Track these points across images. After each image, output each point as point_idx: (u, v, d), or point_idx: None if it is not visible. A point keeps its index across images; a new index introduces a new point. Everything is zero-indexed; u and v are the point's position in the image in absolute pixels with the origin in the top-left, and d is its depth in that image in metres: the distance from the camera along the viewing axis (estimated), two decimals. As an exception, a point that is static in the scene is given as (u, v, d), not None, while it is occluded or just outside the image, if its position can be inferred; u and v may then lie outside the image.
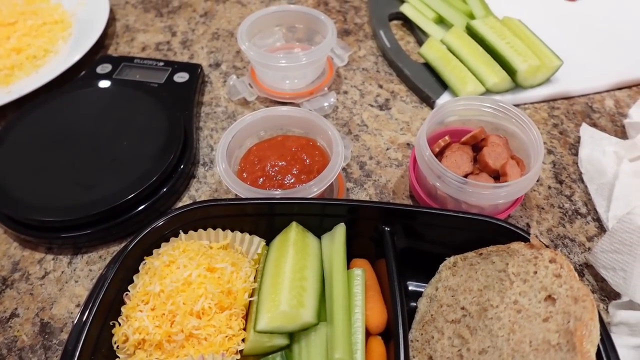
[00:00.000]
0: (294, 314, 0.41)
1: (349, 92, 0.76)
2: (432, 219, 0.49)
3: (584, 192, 0.62)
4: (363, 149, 0.68)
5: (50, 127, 0.64)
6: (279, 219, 0.51)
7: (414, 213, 0.49)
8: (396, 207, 0.49)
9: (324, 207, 0.50)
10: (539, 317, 0.39)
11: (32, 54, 0.80)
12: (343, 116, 0.72)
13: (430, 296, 0.49)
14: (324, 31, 0.74)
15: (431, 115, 0.58)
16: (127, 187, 0.57)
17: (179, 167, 0.62)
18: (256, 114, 0.60)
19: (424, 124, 0.57)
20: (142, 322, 0.43)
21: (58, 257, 0.57)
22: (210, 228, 0.50)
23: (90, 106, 0.67)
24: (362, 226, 0.50)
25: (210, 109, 0.74)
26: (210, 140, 0.70)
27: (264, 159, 0.58)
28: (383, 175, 0.65)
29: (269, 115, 0.60)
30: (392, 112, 0.73)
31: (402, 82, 0.77)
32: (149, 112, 0.66)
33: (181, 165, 0.62)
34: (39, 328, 0.52)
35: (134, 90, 0.69)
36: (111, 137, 0.63)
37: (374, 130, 0.70)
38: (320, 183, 0.53)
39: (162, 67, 0.76)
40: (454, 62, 0.72)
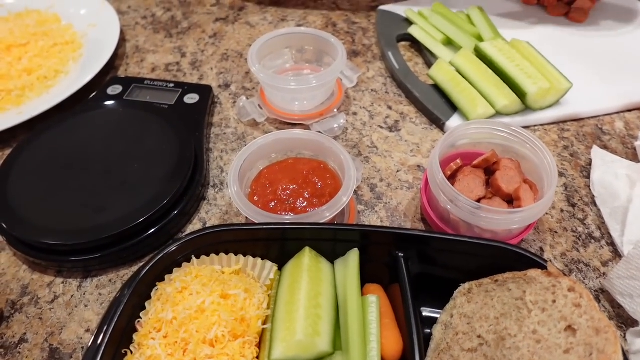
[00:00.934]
0: (310, 343, 0.41)
1: (359, 114, 0.76)
2: (446, 244, 0.48)
3: (597, 216, 0.62)
4: (373, 171, 0.68)
5: (61, 149, 0.64)
6: (291, 243, 0.50)
7: (428, 239, 0.49)
8: (410, 233, 0.49)
9: (337, 232, 0.49)
10: (560, 349, 0.38)
11: (43, 75, 0.81)
12: (353, 137, 0.72)
13: (445, 323, 0.48)
14: (334, 53, 0.74)
15: (443, 138, 0.57)
16: (137, 210, 0.57)
17: (190, 189, 0.62)
18: (268, 137, 0.60)
19: (436, 148, 0.57)
20: (155, 350, 0.42)
21: (68, 281, 0.57)
22: (222, 253, 0.50)
23: (101, 128, 0.67)
24: (375, 251, 0.50)
25: (220, 130, 0.74)
26: (220, 161, 0.70)
27: (276, 182, 0.58)
28: (394, 198, 0.64)
29: (280, 138, 0.60)
30: (402, 133, 0.73)
31: (412, 103, 0.78)
32: (160, 133, 0.66)
33: (192, 188, 0.62)
34: (47, 354, 0.51)
35: (144, 112, 0.69)
36: (122, 159, 0.63)
37: (384, 152, 0.70)
38: (332, 208, 0.53)
39: (172, 88, 0.76)
40: (464, 85, 0.72)
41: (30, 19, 0.92)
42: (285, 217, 0.53)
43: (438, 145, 0.57)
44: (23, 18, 0.93)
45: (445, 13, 0.87)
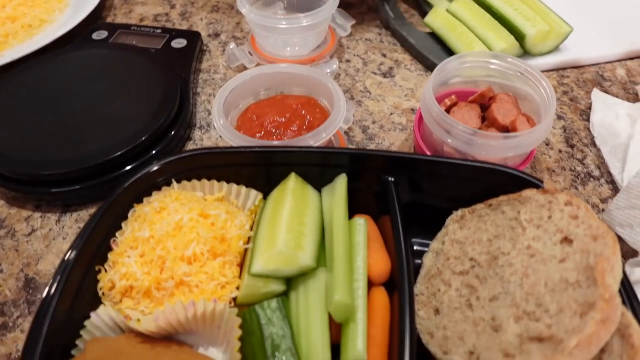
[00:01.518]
0: (292, 256, 0.39)
1: (352, 61, 0.74)
2: (438, 168, 0.46)
3: (597, 156, 0.60)
4: (366, 113, 0.66)
5: (43, 87, 0.62)
6: (277, 170, 0.48)
7: (420, 162, 0.47)
8: (401, 156, 0.46)
9: (325, 156, 0.47)
10: (555, 259, 0.36)
11: (27, 23, 0.78)
12: (345, 83, 0.70)
13: (436, 251, 0.46)
14: None
15: (436, 70, 0.55)
16: (119, 144, 0.55)
17: (174, 127, 0.60)
18: (254, 70, 0.58)
19: (430, 80, 0.54)
20: (130, 267, 0.40)
21: (46, 215, 0.55)
22: (204, 179, 0.48)
23: (85, 68, 0.65)
24: (365, 178, 0.48)
25: (208, 75, 0.72)
26: (207, 105, 0.67)
27: (263, 116, 0.56)
28: (386, 139, 0.62)
29: (268, 72, 0.58)
30: (396, 79, 0.71)
31: (407, 51, 0.75)
32: (145, 74, 0.64)
33: (176, 126, 0.60)
34: (23, 283, 0.49)
35: (129, 54, 0.67)
36: (105, 97, 0.61)
37: (377, 96, 0.68)
38: (318, 135, 0.50)
39: (159, 33, 0.74)
40: (460, 29, 0.70)
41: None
42: (272, 142, 0.51)
43: (432, 77, 0.55)
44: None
45: (442, -36, 0.84)
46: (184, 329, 0.40)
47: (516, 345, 0.34)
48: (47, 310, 0.37)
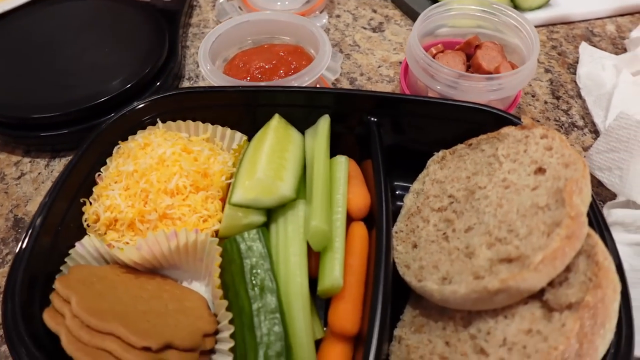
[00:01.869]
0: (271, 186, 0.40)
1: (342, 16, 0.74)
2: (422, 107, 0.47)
3: (582, 107, 0.60)
4: (354, 66, 0.66)
5: (33, 37, 0.62)
6: (262, 111, 0.48)
7: (403, 101, 0.47)
8: (385, 95, 0.47)
9: (309, 96, 0.48)
10: (528, 188, 0.37)
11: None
12: (335, 37, 0.70)
13: (417, 191, 0.47)
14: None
15: (421, 17, 0.55)
16: (106, 89, 0.55)
17: (162, 76, 0.60)
18: (241, 17, 0.58)
19: (415, 27, 0.54)
20: (114, 200, 0.41)
21: (35, 160, 0.55)
22: (190, 120, 0.48)
23: (74, 19, 0.65)
24: (348, 120, 0.48)
25: (198, 30, 0.72)
26: (196, 58, 0.67)
27: (249, 62, 0.56)
28: (373, 89, 0.63)
29: (255, 19, 0.58)
30: (386, 34, 0.71)
31: (397, 7, 0.75)
32: (134, 25, 0.64)
33: (164, 74, 0.60)
34: (12, 223, 0.50)
35: (118, 5, 0.67)
36: (94, 46, 0.61)
37: (366, 50, 0.68)
38: (302, 78, 0.51)
39: (149, -13, 0.73)
40: (451, -18, 0.69)
41: None
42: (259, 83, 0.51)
43: (416, 24, 0.55)
44: None
45: None
46: (167, 262, 0.41)
47: (487, 267, 0.35)
48: (31, 239, 0.38)
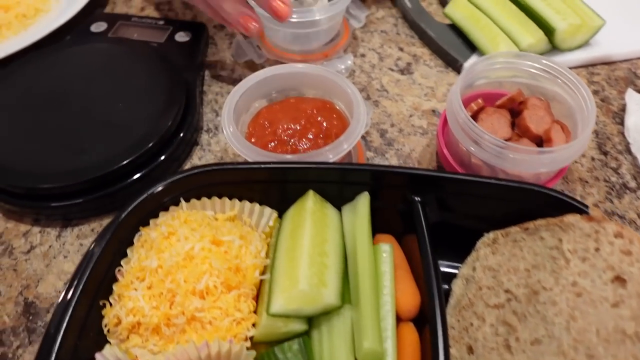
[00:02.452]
0: (315, 295, 0.35)
1: (367, 55, 0.69)
2: (470, 187, 0.43)
3: (632, 165, 0.56)
4: (384, 115, 0.61)
5: (39, 87, 0.58)
6: (292, 187, 0.45)
7: (449, 180, 0.43)
8: (429, 174, 0.43)
9: (345, 173, 0.44)
10: (607, 302, 0.33)
11: (21, 13, 0.74)
12: (361, 80, 0.66)
13: (466, 277, 0.43)
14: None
15: (464, 73, 0.51)
16: (122, 153, 0.51)
17: (180, 132, 0.56)
18: (266, 71, 0.54)
19: (457, 83, 0.50)
20: (137, 302, 0.37)
21: (45, 230, 0.51)
22: (215, 197, 0.44)
23: (83, 66, 0.60)
24: (388, 196, 0.44)
25: (215, 72, 0.67)
26: (214, 105, 0.63)
27: (276, 122, 0.52)
28: (406, 144, 0.58)
29: (280, 73, 0.54)
30: (415, 76, 0.66)
31: (425, 45, 0.70)
32: (147, 72, 0.59)
33: (182, 131, 0.56)
34: (22, 308, 0.46)
35: (131, 49, 0.62)
36: (105, 99, 0.56)
37: (395, 95, 0.64)
38: (338, 148, 0.47)
39: (162, 25, 0.69)
40: (484, 21, 0.65)
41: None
42: (286, 156, 0.47)
43: (459, 81, 0.50)
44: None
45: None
46: (197, 368, 0.37)
47: (564, 399, 0.31)
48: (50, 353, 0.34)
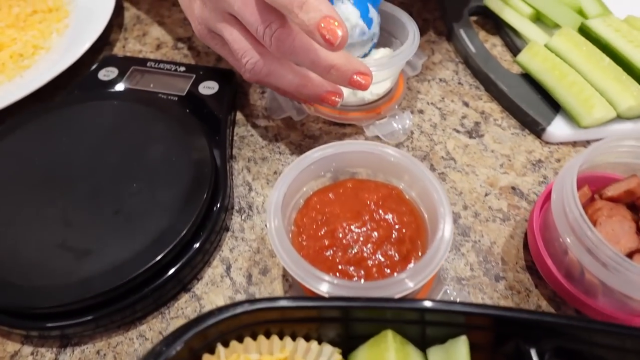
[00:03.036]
0: None
1: (426, 112, 0.58)
2: (604, 338, 0.32)
3: None
4: (454, 193, 0.51)
5: (31, 161, 0.47)
6: (360, 323, 0.34)
7: (575, 329, 0.32)
8: (550, 320, 0.32)
9: (433, 314, 0.33)
10: None
11: (17, 52, 0.63)
12: (421, 145, 0.55)
13: None
14: (398, 32, 0.56)
15: (580, 160, 0.40)
16: (137, 256, 0.40)
17: (209, 219, 0.45)
18: (319, 152, 0.43)
19: (569, 170, 0.39)
20: None
21: (39, 351, 0.41)
22: (261, 335, 0.34)
23: (89, 130, 0.50)
24: (491, 341, 0.33)
25: (245, 130, 0.57)
26: (247, 175, 0.52)
27: (332, 218, 0.41)
28: (485, 234, 0.47)
29: (338, 153, 0.43)
30: (486, 140, 0.55)
31: (494, 98, 0.59)
32: (167, 138, 0.49)
33: (211, 217, 0.45)
34: None
35: (146, 107, 0.51)
36: (116, 177, 0.46)
37: (465, 166, 0.53)
38: (420, 274, 0.36)
39: (183, 73, 0.58)
40: (572, 77, 0.54)
41: (6, -22, 0.74)
42: (350, 283, 0.36)
43: (572, 167, 0.39)
44: (-3, -24, 0.74)
45: (531, -21, 0.68)
46: None
47: None
48: None
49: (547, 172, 0.52)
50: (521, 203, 0.50)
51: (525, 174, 0.52)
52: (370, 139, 0.55)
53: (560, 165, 0.53)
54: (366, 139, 0.55)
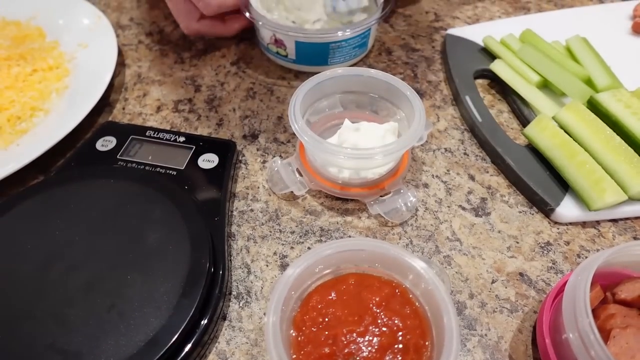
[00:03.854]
0: None
1: (431, 186, 0.57)
2: None
3: None
4: (459, 279, 0.49)
5: (24, 247, 0.45)
6: None
7: None
8: None
9: None
10: None
11: (15, 115, 0.62)
12: (426, 224, 0.53)
13: None
14: (404, 106, 0.55)
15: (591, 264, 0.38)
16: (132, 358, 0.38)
17: (206, 310, 0.43)
18: (322, 250, 0.41)
19: (580, 278, 0.38)
20: None
21: None
22: None
23: (83, 213, 0.48)
24: None
25: (244, 204, 0.55)
26: (246, 255, 0.51)
27: (334, 323, 0.39)
28: (492, 327, 0.45)
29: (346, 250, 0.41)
30: (492, 219, 0.54)
31: (501, 172, 0.58)
32: (165, 223, 0.47)
33: (208, 308, 0.44)
34: None
35: (143, 186, 0.50)
36: (111, 266, 0.44)
37: (471, 248, 0.51)
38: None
39: (182, 143, 0.57)
40: (582, 156, 0.53)
41: (7, 32, 0.74)
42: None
43: (582, 274, 0.38)
44: (-2, 31, 0.74)
45: (538, 44, 0.67)
46: None
47: None
48: None
49: (556, 257, 0.50)
50: (529, 292, 0.48)
51: (534, 258, 0.50)
52: (373, 217, 0.54)
53: (569, 248, 0.51)
54: (369, 216, 0.54)
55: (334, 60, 0.67)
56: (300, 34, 0.63)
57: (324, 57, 0.66)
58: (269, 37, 0.66)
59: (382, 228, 0.53)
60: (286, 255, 0.51)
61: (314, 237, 0.52)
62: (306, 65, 0.68)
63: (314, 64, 0.68)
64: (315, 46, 0.65)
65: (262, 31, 0.67)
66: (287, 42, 0.65)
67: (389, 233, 0.53)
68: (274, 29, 0.63)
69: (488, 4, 0.84)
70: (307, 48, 0.65)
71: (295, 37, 0.64)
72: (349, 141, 0.53)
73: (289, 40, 0.65)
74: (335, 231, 0.53)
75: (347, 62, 0.69)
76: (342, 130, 0.55)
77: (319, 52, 0.66)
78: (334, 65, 0.68)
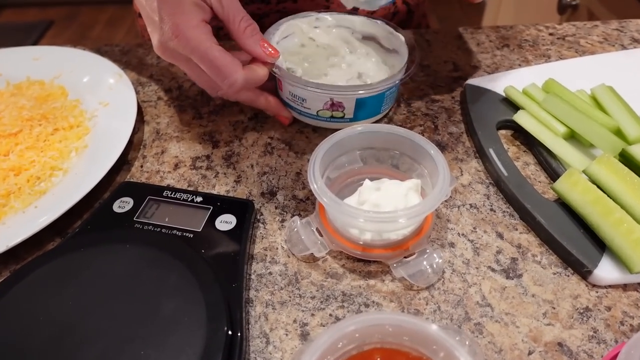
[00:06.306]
0: None
1: (457, 245, 0.54)
2: None
3: None
4: (492, 350, 0.45)
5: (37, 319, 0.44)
6: None
7: None
8: None
9: None
10: None
11: (35, 175, 0.62)
12: (454, 287, 0.50)
13: None
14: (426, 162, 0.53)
15: (636, 345, 0.35)
16: None
17: (222, 388, 0.41)
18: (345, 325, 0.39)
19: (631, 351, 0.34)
20: None
21: None
22: None
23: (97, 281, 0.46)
24: None
25: (263, 266, 0.53)
26: (264, 323, 0.48)
27: (359, 406, 0.36)
28: (532, 407, 0.42)
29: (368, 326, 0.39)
30: (525, 281, 0.50)
31: (530, 229, 0.55)
32: (180, 292, 0.45)
33: (224, 385, 0.41)
34: None
35: (159, 252, 0.48)
36: (124, 339, 0.42)
37: (504, 314, 0.48)
38: None
39: (200, 204, 0.56)
40: (618, 214, 0.50)
41: (31, 92, 0.75)
42: None
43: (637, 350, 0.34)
44: (23, 91, 0.75)
45: (563, 94, 0.65)
46: None
47: None
48: None
49: (597, 324, 0.47)
50: (574, 370, 0.44)
51: (573, 326, 0.47)
52: (397, 279, 0.51)
53: (611, 314, 0.48)
54: (393, 279, 0.51)
55: (384, 107, 0.66)
56: (362, 90, 0.61)
57: (378, 107, 0.65)
58: (323, 104, 0.63)
59: (407, 292, 0.50)
60: (306, 324, 0.48)
61: (335, 303, 0.49)
62: (361, 120, 0.65)
63: (369, 117, 0.66)
64: (374, 98, 0.62)
65: (311, 101, 0.63)
66: (346, 103, 0.62)
67: (415, 298, 0.50)
68: (331, 94, 0.61)
69: (507, 52, 0.83)
70: (367, 102, 0.63)
71: (356, 96, 0.61)
72: (370, 201, 0.51)
73: (349, 100, 0.62)
74: (357, 296, 0.50)
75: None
76: (362, 189, 0.53)
77: (375, 103, 0.64)
78: (383, 112, 0.67)
